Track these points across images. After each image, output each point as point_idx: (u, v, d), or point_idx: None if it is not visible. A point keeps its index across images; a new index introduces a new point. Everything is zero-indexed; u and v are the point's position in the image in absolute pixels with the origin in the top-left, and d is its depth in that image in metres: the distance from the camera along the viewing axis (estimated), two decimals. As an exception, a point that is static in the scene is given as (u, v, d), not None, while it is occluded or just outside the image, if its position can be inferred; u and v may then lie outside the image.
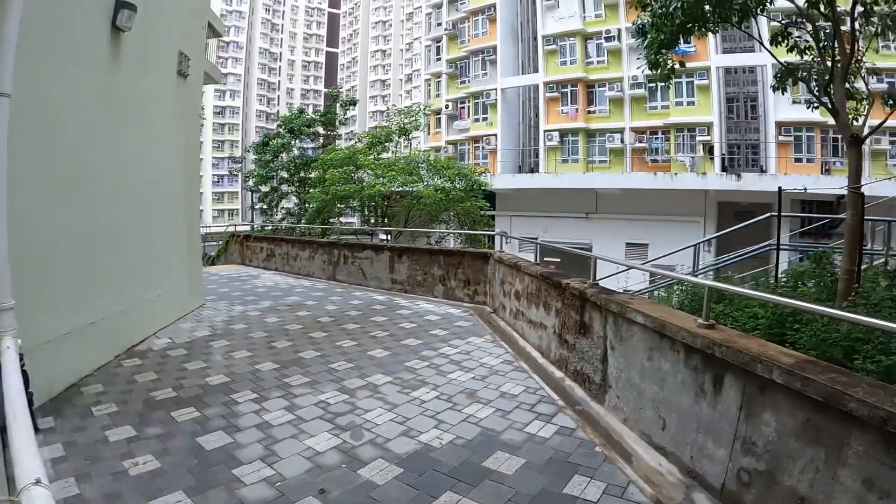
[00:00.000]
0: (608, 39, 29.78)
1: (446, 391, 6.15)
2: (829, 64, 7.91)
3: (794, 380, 3.15)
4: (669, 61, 8.55)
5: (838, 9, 7.67)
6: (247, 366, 6.99)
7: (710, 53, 27.58)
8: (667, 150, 28.12)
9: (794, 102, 26.96)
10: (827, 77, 7.90)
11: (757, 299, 5.50)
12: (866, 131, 7.63)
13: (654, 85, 28.33)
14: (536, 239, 28.85)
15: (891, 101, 8.04)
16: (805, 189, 15.78)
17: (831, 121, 29.18)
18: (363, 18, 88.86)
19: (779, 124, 27.04)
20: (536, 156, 30.86)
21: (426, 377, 6.60)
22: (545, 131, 30.28)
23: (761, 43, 8.70)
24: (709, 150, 27.18)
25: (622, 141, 28.68)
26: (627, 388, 5.07)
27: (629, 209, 27.15)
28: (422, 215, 20.24)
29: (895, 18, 7.97)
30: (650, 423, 4.64)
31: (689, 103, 28.10)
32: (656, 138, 28.62)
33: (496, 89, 32.32)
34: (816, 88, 8.39)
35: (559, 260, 21.26)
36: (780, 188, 10.01)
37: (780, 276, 9.32)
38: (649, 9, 7.96)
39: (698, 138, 27.53)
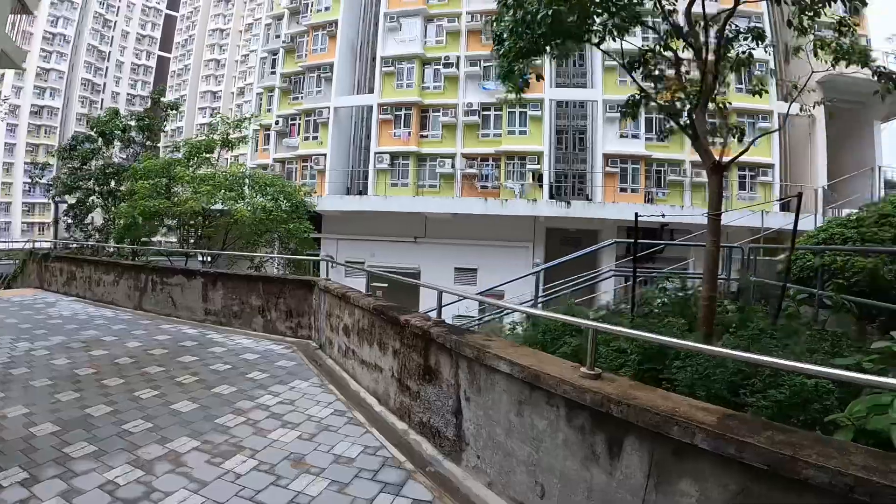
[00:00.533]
0: (447, 66, 31.27)
1: (267, 458, 5.25)
2: (690, 92, 8.14)
3: (726, 445, 2.76)
4: (526, 74, 8.32)
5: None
6: (19, 429, 5.79)
7: (545, 86, 29.76)
8: (497, 177, 29.94)
9: (621, 136, 29.87)
10: (688, 106, 8.13)
11: (671, 345, 4.56)
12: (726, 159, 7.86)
13: (487, 113, 30.46)
14: (363, 263, 27.26)
15: (740, 136, 8.83)
16: (663, 216, 15.63)
17: (656, 154, 30.80)
18: (201, 24, 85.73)
19: (606, 156, 29.37)
20: (366, 178, 31.97)
21: (242, 439, 5.69)
22: (376, 153, 31.23)
23: (623, 65, 8.77)
24: (538, 177, 29.19)
25: (453, 166, 30.25)
26: (491, 446, 4.49)
27: (459, 234, 28.24)
28: (242, 237, 19.27)
29: (750, 55, 8.44)
30: (524, 488, 4.11)
31: (521, 132, 30.09)
32: (487, 165, 30.36)
33: (329, 108, 32.82)
34: (678, 116, 8.52)
35: (386, 285, 19.36)
36: (636, 214, 9.73)
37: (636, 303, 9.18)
38: (511, 12, 7.63)
39: (528, 166, 29.58)
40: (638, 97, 8.86)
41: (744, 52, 8.32)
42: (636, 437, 3.22)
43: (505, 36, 7.83)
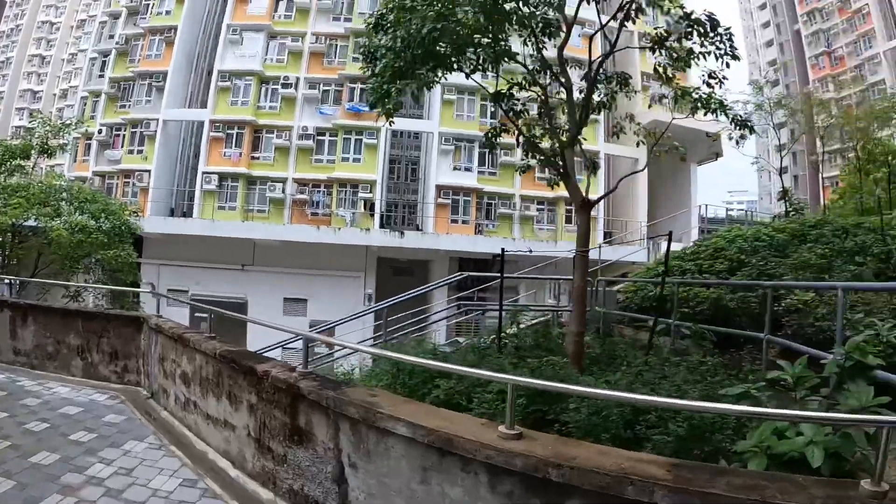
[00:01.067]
0: (285, 86, 32.44)
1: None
2: (560, 129, 8.63)
3: (690, 498, 2.73)
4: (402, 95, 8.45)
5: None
6: None
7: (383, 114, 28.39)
8: (328, 204, 31.47)
9: (454, 169, 31.77)
10: (557, 144, 8.59)
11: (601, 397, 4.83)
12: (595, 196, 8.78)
13: (322, 138, 31.77)
14: (187, 293, 25.75)
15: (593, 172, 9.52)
16: (531, 251, 16.04)
17: (488, 187, 31.81)
18: (30, 14, 77.38)
19: (439, 187, 31.50)
20: (192, 199, 32.58)
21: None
22: (204, 173, 31.83)
23: (492, 96, 9.03)
24: (370, 206, 31.12)
25: (284, 191, 31.56)
26: (389, 518, 4.37)
27: (289, 262, 29.08)
28: (57, 261, 17.64)
29: (613, 94, 9.02)
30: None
31: (355, 160, 31.76)
32: (319, 191, 31.90)
33: (159, 120, 32.68)
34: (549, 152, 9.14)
35: (211, 316, 18.21)
36: (502, 249, 10.10)
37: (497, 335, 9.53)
38: (392, 30, 7.63)
39: (361, 194, 31.43)
40: (498, 130, 9.48)
41: (607, 95, 9.11)
42: (582, 502, 3.11)
43: (380, 53, 7.87)
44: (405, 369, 7.28)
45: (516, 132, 9.18)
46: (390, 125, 9.04)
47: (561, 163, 8.70)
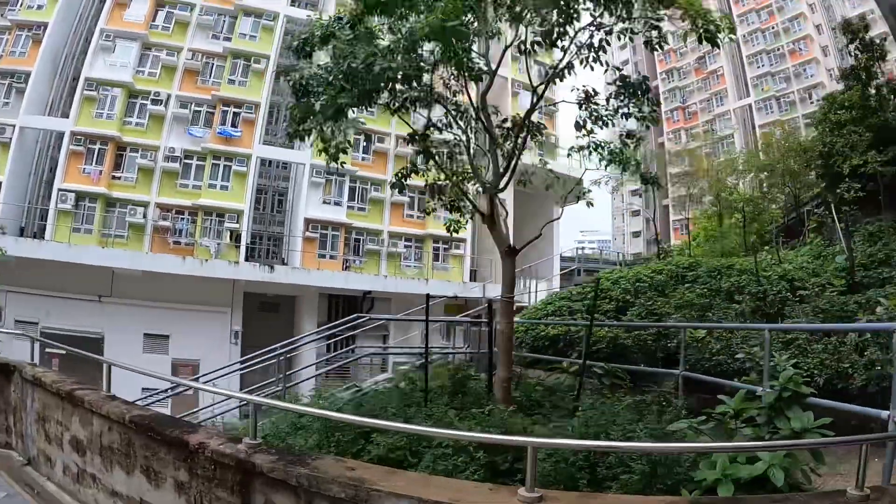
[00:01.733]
0: (155, 102, 30.85)
1: None
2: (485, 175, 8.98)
3: None
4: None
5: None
6: None
7: (254, 142, 31.26)
8: (192, 233, 30.39)
9: (324, 202, 31.88)
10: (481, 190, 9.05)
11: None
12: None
13: (190, 161, 30.69)
14: (37, 325, 24.31)
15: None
16: (455, 296, 16.41)
17: (356, 222, 32.27)
18: None
19: (308, 221, 31.42)
20: (45, 218, 29.92)
21: None
22: (60, 190, 29.27)
23: (409, 136, 9.49)
24: (236, 237, 30.43)
25: (145, 216, 29.85)
26: None
27: (151, 295, 27.40)
28: None
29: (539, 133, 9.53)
30: None
31: (223, 187, 31.05)
32: (182, 218, 30.59)
33: (15, 126, 29.48)
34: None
35: (64, 352, 17.90)
36: (427, 295, 10.24)
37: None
38: (346, 62, 7.52)
39: (227, 224, 30.71)
40: (408, 171, 9.69)
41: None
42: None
43: (322, 89, 7.80)
44: (334, 425, 6.80)
45: (428, 173, 9.64)
46: (341, 166, 9.18)
47: (470, 204, 9.26)
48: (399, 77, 7.95)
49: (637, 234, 65.24)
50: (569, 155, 9.63)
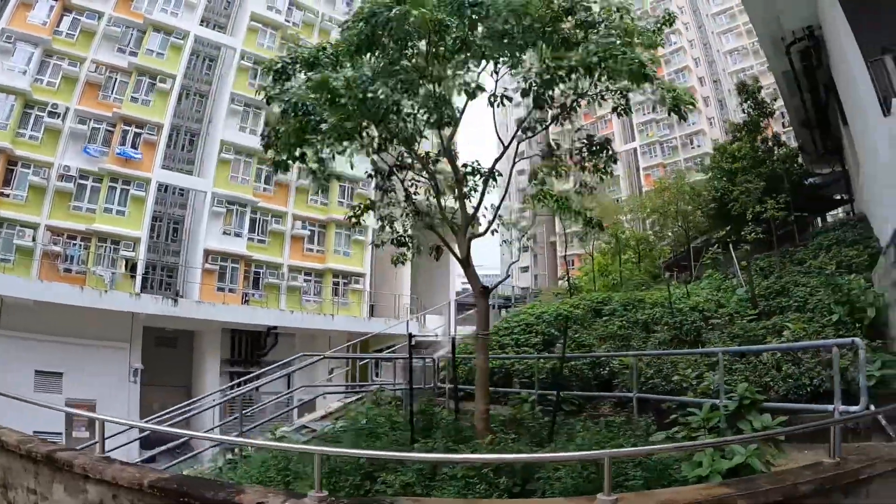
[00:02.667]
0: (52, 115, 28.54)
1: None
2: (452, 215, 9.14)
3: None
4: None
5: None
6: None
7: (155, 166, 30.11)
8: (84, 260, 28.26)
9: (224, 233, 31.20)
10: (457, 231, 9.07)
11: None
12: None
13: (85, 182, 28.75)
14: None
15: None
16: (411, 335, 16.88)
17: (256, 255, 32.13)
18: None
19: (207, 252, 30.69)
20: None
21: None
22: None
23: (374, 171, 9.87)
24: (131, 267, 28.77)
25: (34, 239, 27.21)
26: None
27: (41, 328, 24.72)
28: None
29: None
30: None
31: (119, 212, 29.29)
32: (75, 244, 28.43)
33: None
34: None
35: None
36: (410, 334, 10.90)
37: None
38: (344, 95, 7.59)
39: (122, 252, 28.95)
40: (364, 208, 10.08)
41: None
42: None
43: (326, 115, 7.96)
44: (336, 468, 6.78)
45: (379, 209, 10.05)
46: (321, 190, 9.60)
47: (445, 246, 9.56)
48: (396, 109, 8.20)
49: (525, 269, 67.80)
50: (524, 202, 10.60)
